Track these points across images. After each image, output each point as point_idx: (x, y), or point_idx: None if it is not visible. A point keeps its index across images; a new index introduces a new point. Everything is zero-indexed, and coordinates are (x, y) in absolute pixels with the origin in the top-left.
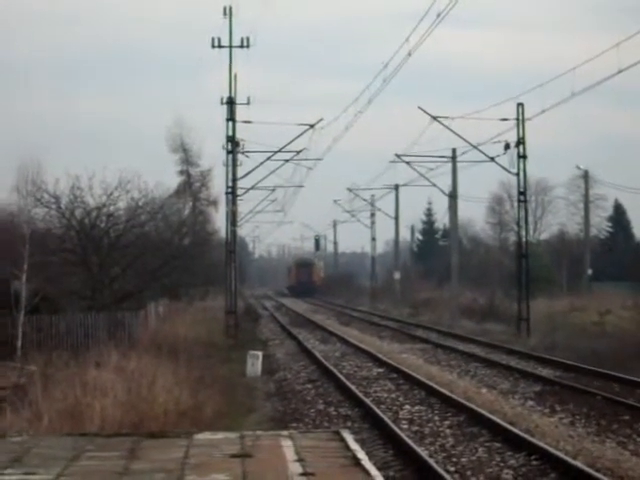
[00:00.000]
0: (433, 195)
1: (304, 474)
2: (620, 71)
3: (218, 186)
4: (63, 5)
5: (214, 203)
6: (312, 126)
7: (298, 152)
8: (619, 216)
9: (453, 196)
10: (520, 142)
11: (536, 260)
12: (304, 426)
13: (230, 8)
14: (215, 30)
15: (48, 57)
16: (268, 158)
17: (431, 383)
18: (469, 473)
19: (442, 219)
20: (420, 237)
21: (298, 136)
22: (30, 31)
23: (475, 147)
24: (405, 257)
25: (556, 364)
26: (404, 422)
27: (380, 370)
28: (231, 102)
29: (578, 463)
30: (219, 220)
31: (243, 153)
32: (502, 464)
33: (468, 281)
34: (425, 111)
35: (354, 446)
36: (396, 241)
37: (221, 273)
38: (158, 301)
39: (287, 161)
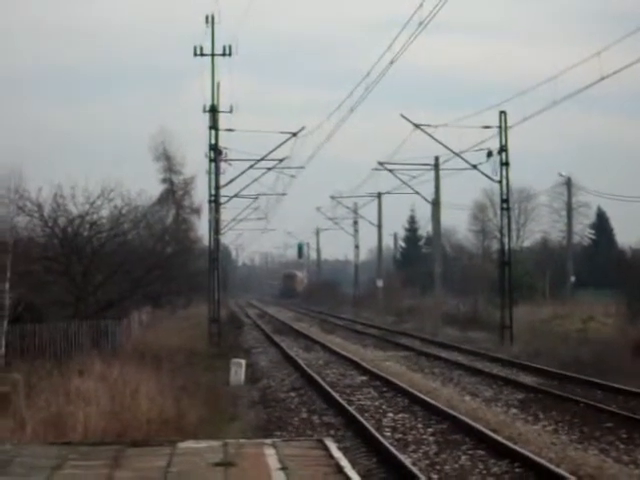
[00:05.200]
0: (416, 203)
1: None
2: (602, 78)
3: (201, 194)
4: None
5: (197, 211)
6: (295, 134)
7: (281, 160)
8: (602, 223)
9: (436, 204)
10: (502, 150)
11: (519, 268)
12: (287, 434)
13: (212, 16)
14: (197, 38)
15: (30, 66)
16: (251, 166)
17: (414, 391)
18: None
19: (425, 227)
20: (403, 245)
21: (281, 144)
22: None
23: (458, 155)
24: (388, 265)
25: (539, 371)
26: (387, 430)
27: (363, 378)
28: (214, 110)
29: (561, 470)
30: (202, 228)
31: (226, 161)
32: (485, 472)
33: (451, 289)
34: (408, 119)
35: (337, 454)
36: (379, 249)
37: (204, 281)
38: (141, 309)
39: (270, 169)
